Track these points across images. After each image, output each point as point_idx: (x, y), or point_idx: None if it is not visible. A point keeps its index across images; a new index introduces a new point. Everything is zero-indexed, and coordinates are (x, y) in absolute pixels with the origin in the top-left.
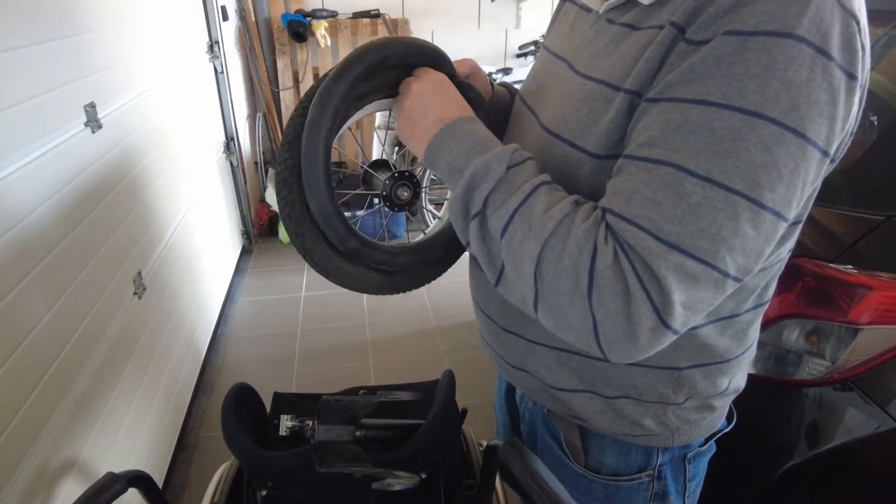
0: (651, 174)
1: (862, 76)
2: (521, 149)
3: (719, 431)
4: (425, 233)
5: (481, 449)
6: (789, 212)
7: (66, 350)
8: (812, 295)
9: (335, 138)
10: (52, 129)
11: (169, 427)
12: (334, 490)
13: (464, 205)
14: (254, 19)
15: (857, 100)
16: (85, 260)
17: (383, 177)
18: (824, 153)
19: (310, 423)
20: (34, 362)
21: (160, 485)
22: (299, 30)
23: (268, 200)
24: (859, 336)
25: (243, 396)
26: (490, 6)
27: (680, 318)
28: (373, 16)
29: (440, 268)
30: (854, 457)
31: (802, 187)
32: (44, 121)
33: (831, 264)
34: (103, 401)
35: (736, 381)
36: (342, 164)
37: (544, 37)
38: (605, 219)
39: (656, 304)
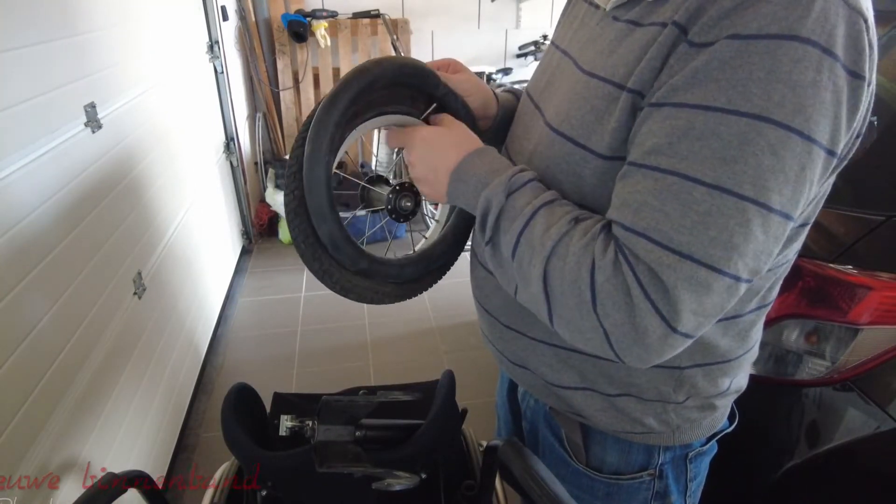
0: (658, 184)
1: (869, 74)
2: (521, 171)
3: (721, 431)
4: (426, 237)
5: (481, 449)
6: (796, 212)
7: (66, 350)
8: (812, 295)
9: (335, 163)
10: (52, 129)
11: (169, 427)
12: (334, 490)
13: (480, 233)
14: (254, 19)
15: (864, 98)
16: (85, 260)
17: (384, 191)
18: (830, 153)
19: (310, 423)
20: (34, 362)
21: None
22: (299, 30)
23: (268, 200)
24: (859, 336)
25: (243, 396)
26: (490, 6)
27: (691, 323)
28: (373, 16)
29: (444, 270)
30: (854, 457)
31: (809, 187)
32: (44, 121)
33: (831, 264)
34: (103, 401)
35: (738, 380)
36: (342, 165)
37: (552, 33)
38: (609, 231)
39: (662, 312)
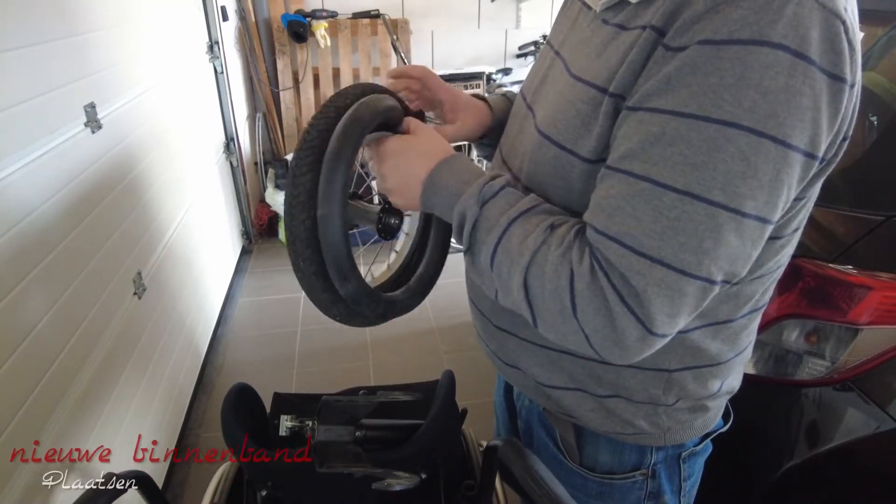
0: (631, 188)
1: (851, 76)
2: (493, 178)
3: (715, 431)
4: (396, 250)
5: (481, 449)
6: (774, 215)
7: (67, 350)
8: (812, 295)
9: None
10: (52, 129)
11: (169, 427)
12: (334, 490)
13: (458, 243)
14: (254, 19)
15: (847, 100)
16: (85, 260)
17: (372, 209)
18: (810, 156)
19: (310, 423)
20: (34, 362)
21: (160, 485)
22: (299, 30)
23: (267, 200)
24: (859, 336)
25: (243, 396)
26: (490, 6)
27: (666, 325)
28: (373, 16)
29: (435, 281)
30: (854, 457)
31: (788, 191)
32: (44, 121)
33: (831, 264)
34: (103, 401)
35: (729, 382)
36: None
37: (547, 35)
38: (583, 236)
39: (639, 316)
